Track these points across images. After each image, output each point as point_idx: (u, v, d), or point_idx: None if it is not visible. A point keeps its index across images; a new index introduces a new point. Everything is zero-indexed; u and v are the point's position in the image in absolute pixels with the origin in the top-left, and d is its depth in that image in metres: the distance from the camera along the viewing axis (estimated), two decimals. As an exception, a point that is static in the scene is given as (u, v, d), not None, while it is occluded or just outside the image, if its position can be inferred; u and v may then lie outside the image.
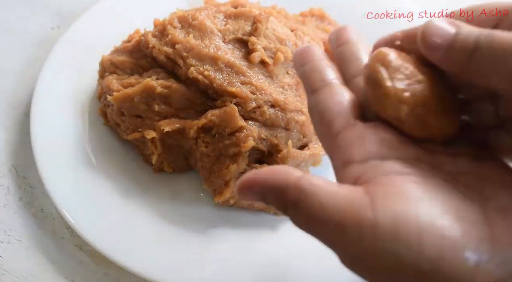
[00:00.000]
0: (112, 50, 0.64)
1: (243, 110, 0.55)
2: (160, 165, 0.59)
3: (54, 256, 0.55)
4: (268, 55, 0.57)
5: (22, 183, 0.60)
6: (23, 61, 0.71)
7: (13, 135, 0.64)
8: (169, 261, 0.52)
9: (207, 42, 0.57)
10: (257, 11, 0.60)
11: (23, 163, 0.62)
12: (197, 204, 0.58)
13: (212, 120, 0.54)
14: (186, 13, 0.60)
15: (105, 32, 0.68)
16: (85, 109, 0.63)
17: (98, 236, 0.52)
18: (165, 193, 0.58)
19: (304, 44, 0.60)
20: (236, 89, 0.55)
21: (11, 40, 0.73)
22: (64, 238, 0.56)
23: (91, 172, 0.58)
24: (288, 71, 0.59)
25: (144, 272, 0.51)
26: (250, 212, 0.57)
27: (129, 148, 0.61)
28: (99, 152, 0.60)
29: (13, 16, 0.75)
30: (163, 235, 0.54)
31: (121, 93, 0.57)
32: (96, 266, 0.54)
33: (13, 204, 0.59)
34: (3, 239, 0.56)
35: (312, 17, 0.69)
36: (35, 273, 0.54)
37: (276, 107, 0.56)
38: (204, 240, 0.55)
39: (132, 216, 0.55)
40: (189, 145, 0.57)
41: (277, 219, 0.57)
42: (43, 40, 0.73)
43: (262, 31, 0.58)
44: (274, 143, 0.55)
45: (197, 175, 0.59)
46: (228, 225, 0.56)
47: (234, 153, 0.54)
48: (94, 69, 0.64)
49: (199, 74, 0.55)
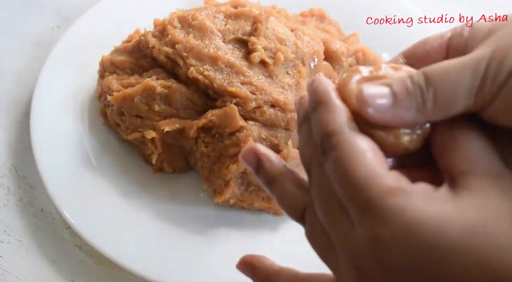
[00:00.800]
0: (112, 50, 0.64)
1: (243, 110, 0.55)
2: (160, 165, 0.59)
3: (54, 256, 0.55)
4: (268, 55, 0.57)
5: (22, 183, 0.60)
6: (23, 61, 0.71)
7: (13, 135, 0.64)
8: (169, 261, 0.52)
9: (207, 42, 0.57)
10: (257, 11, 0.60)
11: (23, 163, 0.62)
12: (197, 204, 0.58)
13: (212, 120, 0.54)
14: (186, 13, 0.60)
15: (105, 32, 0.68)
16: (85, 109, 0.63)
17: (98, 236, 0.52)
18: (165, 193, 0.58)
19: (304, 44, 0.60)
20: (236, 89, 0.55)
21: (11, 40, 0.73)
22: (64, 238, 0.56)
23: (91, 172, 0.58)
24: (288, 71, 0.59)
25: (144, 272, 0.51)
26: (250, 212, 0.57)
27: (129, 148, 0.61)
28: (99, 152, 0.60)
29: (13, 16, 0.75)
30: (163, 235, 0.54)
31: (121, 93, 0.57)
32: (96, 266, 0.54)
33: (13, 204, 0.59)
34: (3, 239, 0.56)
35: (312, 17, 0.69)
36: (35, 273, 0.54)
37: (276, 107, 0.56)
38: (204, 240, 0.55)
39: (132, 216, 0.55)
40: (189, 145, 0.57)
41: (277, 219, 0.57)
42: (43, 40, 0.73)
43: (262, 31, 0.58)
44: (274, 143, 0.55)
45: (197, 175, 0.59)
46: (228, 225, 0.56)
47: (234, 153, 0.54)
48: (94, 69, 0.64)
49: (199, 74, 0.55)
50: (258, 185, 0.55)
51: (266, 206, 0.56)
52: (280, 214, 0.57)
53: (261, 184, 0.34)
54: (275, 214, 0.57)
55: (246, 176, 0.55)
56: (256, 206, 0.56)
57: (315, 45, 0.61)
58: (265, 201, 0.56)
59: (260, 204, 0.56)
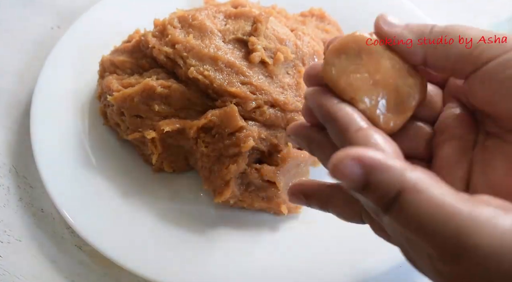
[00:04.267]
0: (112, 50, 0.64)
1: (243, 110, 0.55)
2: (160, 165, 0.59)
3: (54, 256, 0.55)
4: (268, 55, 0.57)
5: (22, 183, 0.60)
6: (23, 61, 0.71)
7: (13, 135, 0.64)
8: (169, 261, 0.52)
9: (207, 42, 0.57)
10: (257, 11, 0.60)
11: (23, 163, 0.62)
12: (197, 204, 0.58)
13: (212, 120, 0.54)
14: (186, 13, 0.60)
15: (105, 32, 0.68)
16: (85, 109, 0.63)
17: (98, 236, 0.52)
18: (165, 193, 0.58)
19: (304, 44, 0.60)
20: (236, 89, 0.55)
21: (11, 40, 0.73)
22: (64, 238, 0.56)
23: (91, 172, 0.58)
24: (288, 71, 0.59)
25: (144, 272, 0.51)
26: (250, 212, 0.57)
27: (129, 148, 0.61)
28: (99, 152, 0.60)
29: (13, 16, 0.75)
30: (163, 235, 0.54)
31: (121, 93, 0.57)
32: (96, 266, 0.54)
33: (13, 204, 0.59)
34: (3, 239, 0.56)
35: (312, 17, 0.69)
36: (35, 273, 0.54)
37: (276, 107, 0.56)
38: (204, 240, 0.55)
39: (132, 216, 0.55)
40: (189, 145, 0.57)
41: (277, 219, 0.57)
42: (43, 40, 0.73)
43: (262, 31, 0.58)
44: (274, 143, 0.55)
45: (197, 175, 0.59)
46: (228, 225, 0.56)
47: (234, 153, 0.54)
48: (94, 69, 0.64)
49: (199, 74, 0.55)
50: (258, 185, 0.55)
51: (266, 206, 0.56)
52: (280, 214, 0.57)
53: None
54: (275, 214, 0.57)
55: (246, 176, 0.55)
56: (256, 206, 0.56)
57: (315, 45, 0.61)
58: (265, 201, 0.56)
59: (260, 204, 0.56)
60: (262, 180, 0.55)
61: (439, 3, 0.77)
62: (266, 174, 0.54)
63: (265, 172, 0.54)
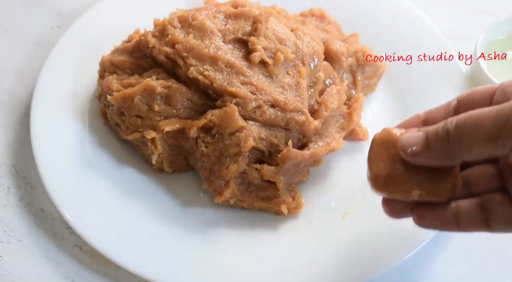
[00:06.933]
0: (112, 50, 0.64)
1: (243, 110, 0.55)
2: (160, 165, 0.59)
3: (54, 256, 0.55)
4: (268, 55, 0.57)
5: (22, 183, 0.60)
6: (23, 61, 0.71)
7: (13, 135, 0.64)
8: (169, 261, 0.52)
9: (207, 42, 0.57)
10: (257, 11, 0.60)
11: (23, 163, 0.62)
12: (197, 204, 0.58)
13: (212, 120, 0.54)
14: (186, 13, 0.60)
15: (105, 32, 0.68)
16: (85, 109, 0.63)
17: (98, 236, 0.52)
18: (165, 193, 0.58)
19: (304, 44, 0.60)
20: (236, 89, 0.55)
21: (11, 40, 0.73)
22: (64, 238, 0.56)
23: (91, 172, 0.58)
24: (288, 71, 0.59)
25: (144, 272, 0.51)
26: (250, 212, 0.57)
27: (129, 147, 0.61)
28: (99, 151, 0.60)
29: (13, 16, 0.75)
30: (163, 235, 0.54)
31: (121, 93, 0.57)
32: (96, 266, 0.54)
33: (13, 204, 0.59)
34: (3, 239, 0.56)
35: (312, 17, 0.69)
36: (35, 273, 0.54)
37: (276, 107, 0.56)
38: (204, 240, 0.55)
39: (132, 216, 0.55)
40: (189, 145, 0.57)
41: (277, 219, 0.57)
42: (43, 40, 0.73)
43: (262, 31, 0.58)
44: (274, 143, 0.55)
45: (197, 175, 0.59)
46: (228, 225, 0.56)
47: (234, 153, 0.54)
48: (94, 69, 0.64)
49: (199, 74, 0.55)
50: (258, 185, 0.55)
51: (266, 206, 0.56)
52: (280, 214, 0.57)
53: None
54: (275, 214, 0.57)
55: (246, 176, 0.55)
56: (256, 206, 0.56)
57: (315, 45, 0.61)
58: (265, 201, 0.56)
59: (260, 204, 0.56)
60: (262, 180, 0.55)
61: (439, 3, 0.77)
62: (266, 174, 0.54)
63: (265, 172, 0.54)
